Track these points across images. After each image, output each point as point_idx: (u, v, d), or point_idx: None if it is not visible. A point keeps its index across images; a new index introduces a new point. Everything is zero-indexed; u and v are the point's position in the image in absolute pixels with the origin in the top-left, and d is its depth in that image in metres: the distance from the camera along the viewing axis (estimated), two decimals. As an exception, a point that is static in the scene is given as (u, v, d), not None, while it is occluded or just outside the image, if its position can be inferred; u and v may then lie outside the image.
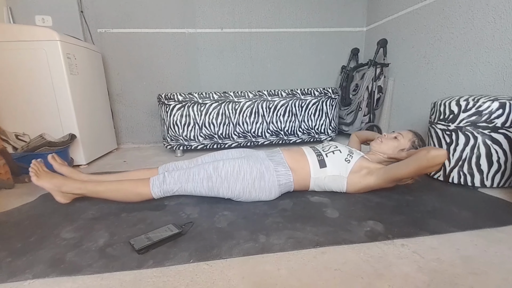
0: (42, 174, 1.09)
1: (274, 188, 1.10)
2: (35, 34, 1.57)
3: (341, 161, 1.13)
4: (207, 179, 1.07)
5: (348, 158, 1.13)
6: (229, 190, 1.08)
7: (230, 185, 1.07)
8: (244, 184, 1.07)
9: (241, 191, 1.08)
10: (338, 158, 1.14)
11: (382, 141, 1.22)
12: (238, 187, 1.07)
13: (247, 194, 1.09)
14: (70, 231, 0.91)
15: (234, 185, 1.07)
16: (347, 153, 1.15)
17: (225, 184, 1.07)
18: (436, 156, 0.95)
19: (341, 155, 1.14)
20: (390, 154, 1.20)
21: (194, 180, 1.08)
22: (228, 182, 1.07)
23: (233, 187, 1.07)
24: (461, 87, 1.64)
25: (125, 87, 2.41)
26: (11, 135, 1.59)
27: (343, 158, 1.13)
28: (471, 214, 0.98)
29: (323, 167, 1.13)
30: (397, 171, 1.04)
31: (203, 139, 2.06)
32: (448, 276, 0.68)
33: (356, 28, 2.62)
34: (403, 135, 1.21)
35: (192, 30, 2.38)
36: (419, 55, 1.96)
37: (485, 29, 1.48)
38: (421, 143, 1.20)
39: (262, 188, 1.08)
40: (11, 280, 0.69)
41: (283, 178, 1.11)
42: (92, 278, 0.69)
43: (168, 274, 0.70)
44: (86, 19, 2.19)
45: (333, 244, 0.81)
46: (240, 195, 1.09)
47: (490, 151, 1.18)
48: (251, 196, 1.10)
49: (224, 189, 1.08)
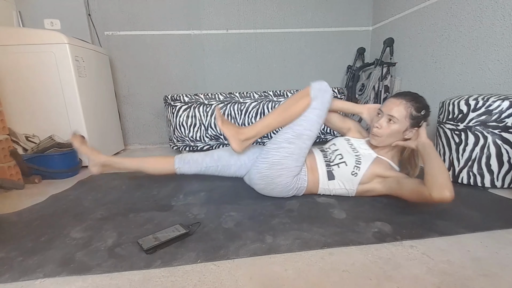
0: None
1: (289, 189, 1.11)
2: (44, 38, 1.60)
3: (347, 175, 1.09)
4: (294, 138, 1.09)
5: (354, 171, 1.07)
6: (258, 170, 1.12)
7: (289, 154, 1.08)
8: (287, 163, 1.08)
9: (264, 178, 1.11)
10: (344, 172, 1.09)
11: (378, 135, 1.08)
12: (292, 161, 1.08)
13: (266, 184, 1.12)
14: (79, 231, 0.93)
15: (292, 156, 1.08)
16: (354, 164, 1.08)
17: (293, 147, 1.08)
18: (438, 200, 0.84)
19: (347, 168, 1.08)
20: (397, 142, 1.08)
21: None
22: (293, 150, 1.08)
23: (290, 158, 1.08)
24: (470, 86, 1.62)
25: (132, 88, 2.43)
26: (21, 136, 1.62)
27: (349, 172, 1.08)
28: (481, 215, 0.96)
29: (331, 179, 1.12)
30: (401, 194, 0.99)
31: (209, 140, 2.07)
32: (458, 278, 0.67)
33: (362, 27, 2.60)
34: (396, 116, 1.03)
35: (198, 31, 2.40)
36: (427, 54, 1.93)
37: (494, 27, 1.46)
38: (417, 108, 1.03)
39: (288, 177, 1.09)
40: (23, 279, 0.70)
41: (301, 182, 1.12)
42: (101, 277, 0.70)
43: (176, 274, 0.71)
44: (93, 22, 2.22)
45: (340, 245, 0.81)
46: (260, 181, 1.13)
47: (500, 151, 1.16)
48: (267, 188, 1.12)
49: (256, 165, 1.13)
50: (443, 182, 0.84)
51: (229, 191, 1.26)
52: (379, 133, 1.07)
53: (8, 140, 1.44)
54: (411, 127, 1.04)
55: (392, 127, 1.05)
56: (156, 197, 1.21)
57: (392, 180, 1.03)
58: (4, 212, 1.11)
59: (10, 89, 1.62)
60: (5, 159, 1.39)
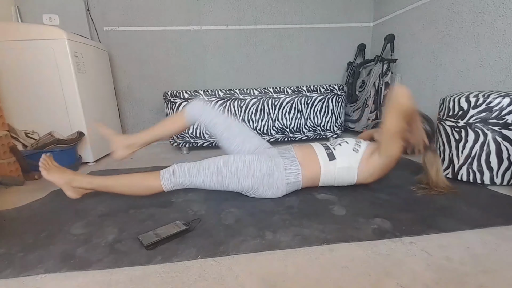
0: (52, 168, 1.10)
1: (282, 186, 1.10)
2: (43, 33, 1.58)
3: (349, 151, 1.12)
4: (217, 173, 1.07)
5: (356, 148, 1.13)
6: (239, 185, 1.09)
7: (240, 180, 1.07)
8: (253, 180, 1.07)
9: (250, 186, 1.08)
10: (346, 149, 1.13)
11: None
12: (247, 183, 1.08)
13: (255, 190, 1.10)
14: (80, 227, 0.93)
15: (244, 180, 1.07)
16: (354, 143, 1.15)
17: (234, 179, 1.07)
18: (398, 96, 0.94)
19: (348, 145, 1.14)
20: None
21: (204, 174, 1.08)
22: (238, 177, 1.07)
23: (243, 182, 1.08)
24: (471, 83, 1.61)
25: (131, 85, 2.42)
26: (20, 133, 1.62)
27: (351, 148, 1.13)
28: (480, 212, 0.97)
29: (332, 159, 1.12)
30: (383, 128, 1.03)
31: (209, 137, 2.07)
32: (458, 274, 0.67)
33: (362, 23, 2.59)
34: None
35: (198, 27, 2.38)
36: (427, 51, 1.93)
37: (495, 23, 1.45)
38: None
39: (270, 185, 1.09)
40: (24, 274, 0.70)
41: (292, 177, 1.10)
42: (102, 273, 0.71)
43: (176, 269, 0.71)
44: (92, 18, 2.20)
45: (340, 241, 0.81)
46: (248, 190, 1.10)
47: (500, 148, 1.16)
48: (258, 192, 1.10)
49: (234, 184, 1.09)
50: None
51: (229, 187, 1.26)
52: None
53: (7, 136, 1.44)
54: None
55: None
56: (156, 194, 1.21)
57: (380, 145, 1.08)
58: (4, 208, 1.11)
59: (9, 85, 1.61)
60: (5, 156, 1.39)
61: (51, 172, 1.08)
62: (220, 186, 1.09)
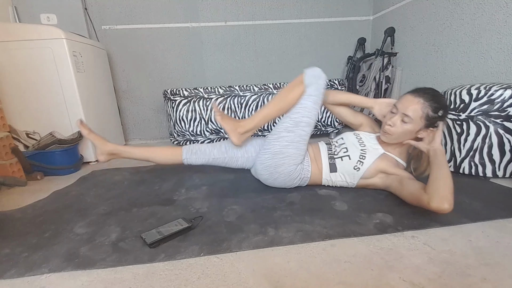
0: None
1: (293, 177, 1.12)
2: (41, 33, 1.58)
3: (350, 169, 1.09)
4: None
5: (357, 166, 1.07)
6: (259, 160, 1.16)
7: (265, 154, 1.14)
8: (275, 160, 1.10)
9: (268, 167, 1.13)
10: (347, 166, 1.09)
11: (390, 133, 1.02)
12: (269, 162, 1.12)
13: (269, 174, 1.14)
14: (83, 226, 0.93)
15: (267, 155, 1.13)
16: (357, 159, 1.07)
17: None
18: (435, 210, 0.81)
19: (350, 162, 1.08)
20: (408, 141, 1.03)
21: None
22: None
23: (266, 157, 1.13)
24: (472, 76, 1.60)
25: (130, 83, 2.42)
26: (22, 133, 1.62)
27: (352, 166, 1.08)
28: (482, 205, 0.97)
29: (333, 171, 1.12)
30: (399, 193, 0.98)
31: (210, 134, 2.07)
32: (460, 267, 0.67)
33: (362, 17, 2.57)
34: (410, 116, 0.96)
35: (196, 24, 2.37)
36: (428, 43, 1.91)
37: (497, 14, 1.43)
38: (435, 109, 0.95)
39: (288, 174, 1.12)
40: (29, 274, 0.71)
41: (304, 173, 1.13)
42: (106, 271, 0.71)
43: (179, 267, 0.72)
44: (90, 16, 2.19)
45: (342, 236, 0.81)
46: (263, 171, 1.15)
47: (502, 141, 1.15)
48: (271, 177, 1.14)
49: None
50: (445, 194, 0.80)
51: (231, 184, 1.27)
52: (391, 131, 1.01)
53: (9, 137, 1.44)
54: (425, 128, 0.98)
55: (405, 126, 0.99)
56: (158, 192, 1.21)
57: (395, 178, 1.01)
58: (7, 209, 1.12)
59: (8, 86, 1.61)
60: (6, 156, 1.40)
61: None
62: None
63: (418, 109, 0.96)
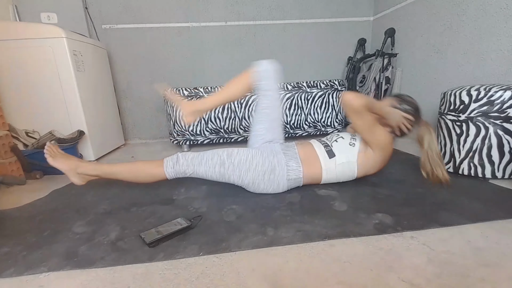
0: (58, 155, 1.13)
1: (283, 182, 1.10)
2: (41, 32, 1.58)
3: (346, 146, 1.13)
4: (219, 164, 1.08)
5: (352, 142, 1.14)
6: (240, 179, 1.09)
7: (241, 173, 1.08)
8: (254, 174, 1.08)
9: (251, 181, 1.09)
10: (342, 145, 1.14)
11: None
12: (248, 177, 1.08)
13: (256, 185, 1.10)
14: (82, 226, 0.93)
15: (246, 174, 1.08)
16: (350, 137, 1.16)
17: (236, 172, 1.08)
18: (344, 102, 1.01)
19: (344, 141, 1.15)
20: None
21: (207, 164, 1.09)
22: (240, 170, 1.08)
23: (244, 176, 1.08)
24: (472, 77, 1.60)
25: (131, 83, 2.42)
26: (21, 132, 1.62)
27: (347, 143, 1.14)
28: (482, 206, 0.97)
29: (332, 157, 1.13)
30: (354, 128, 1.11)
31: (209, 134, 2.07)
32: (459, 267, 0.67)
33: (362, 17, 2.57)
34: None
35: (196, 24, 2.37)
36: (428, 44, 1.91)
37: (497, 16, 1.43)
38: (400, 102, 1.11)
39: (271, 181, 1.09)
40: (28, 273, 0.71)
41: (293, 174, 1.10)
42: (105, 271, 0.71)
43: (178, 266, 0.71)
44: (90, 16, 2.19)
45: (341, 236, 0.81)
46: (249, 185, 1.11)
47: (501, 142, 1.15)
48: (259, 188, 1.11)
49: (235, 177, 1.09)
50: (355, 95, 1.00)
51: (230, 184, 1.26)
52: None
53: (8, 136, 1.44)
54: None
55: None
56: (157, 191, 1.21)
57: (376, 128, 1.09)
58: (7, 207, 1.12)
59: (8, 84, 1.61)
60: (6, 155, 1.40)
61: (56, 158, 1.11)
62: (222, 177, 1.10)
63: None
